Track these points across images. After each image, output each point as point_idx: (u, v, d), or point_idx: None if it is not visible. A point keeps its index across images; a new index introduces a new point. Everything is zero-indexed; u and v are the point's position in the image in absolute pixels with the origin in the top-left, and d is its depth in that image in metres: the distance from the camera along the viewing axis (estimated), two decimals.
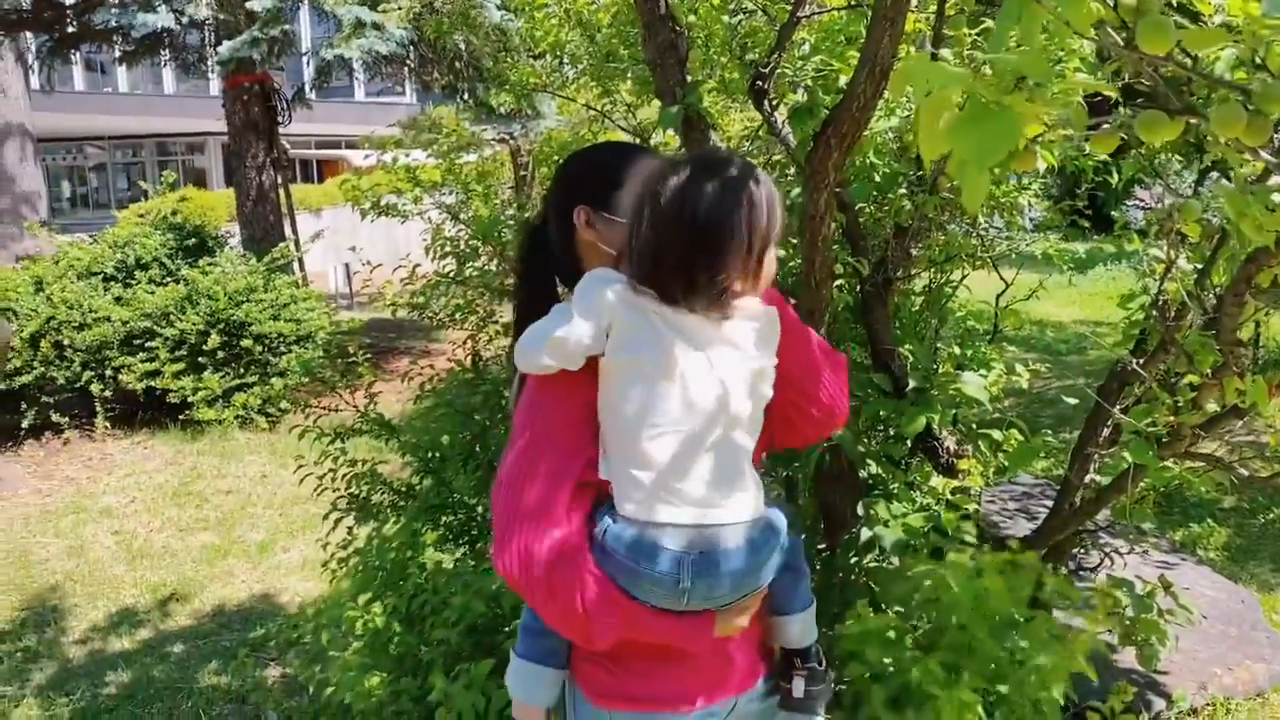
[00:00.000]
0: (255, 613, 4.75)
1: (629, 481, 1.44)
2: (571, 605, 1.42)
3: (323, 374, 3.78)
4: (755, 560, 1.47)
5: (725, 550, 1.44)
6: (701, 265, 1.41)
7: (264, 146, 10.27)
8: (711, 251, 1.41)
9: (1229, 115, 1.12)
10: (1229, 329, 1.57)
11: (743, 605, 1.54)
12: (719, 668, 1.60)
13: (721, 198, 1.41)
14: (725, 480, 1.45)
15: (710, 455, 1.43)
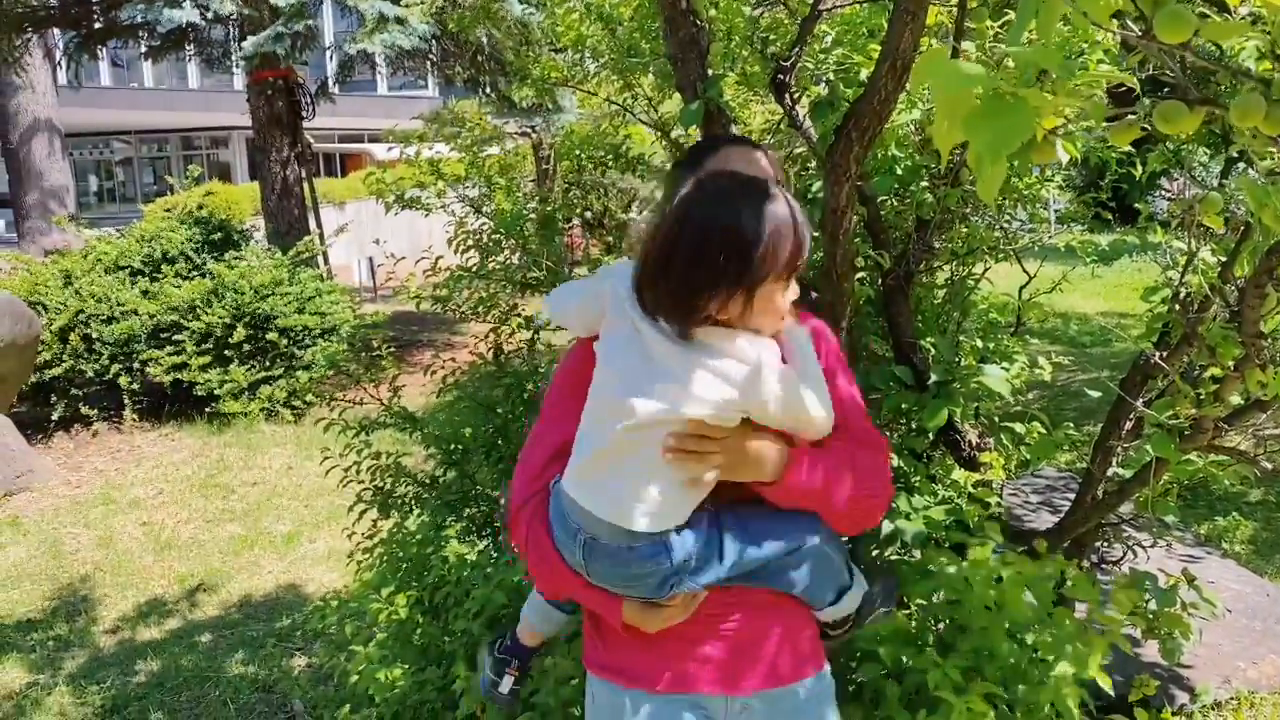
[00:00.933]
0: (282, 603, 4.81)
1: (574, 451, 1.50)
2: (520, 543, 1.58)
3: (346, 367, 3.81)
4: (630, 571, 1.47)
5: (605, 547, 1.45)
6: (674, 286, 1.39)
7: (288, 141, 10.34)
8: (686, 275, 1.38)
9: (1249, 105, 1.12)
10: (1251, 321, 1.56)
11: (651, 607, 1.52)
12: (691, 658, 1.58)
13: (711, 224, 1.38)
14: (629, 490, 1.43)
15: (624, 460, 1.43)
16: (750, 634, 1.59)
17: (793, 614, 1.63)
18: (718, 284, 1.37)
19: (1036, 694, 2.38)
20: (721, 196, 1.40)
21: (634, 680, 1.60)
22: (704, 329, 1.41)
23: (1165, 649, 2.88)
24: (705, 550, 1.48)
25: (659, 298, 1.40)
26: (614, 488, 1.43)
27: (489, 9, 6.11)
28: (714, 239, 1.37)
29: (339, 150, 29.69)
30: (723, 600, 1.55)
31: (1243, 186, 1.39)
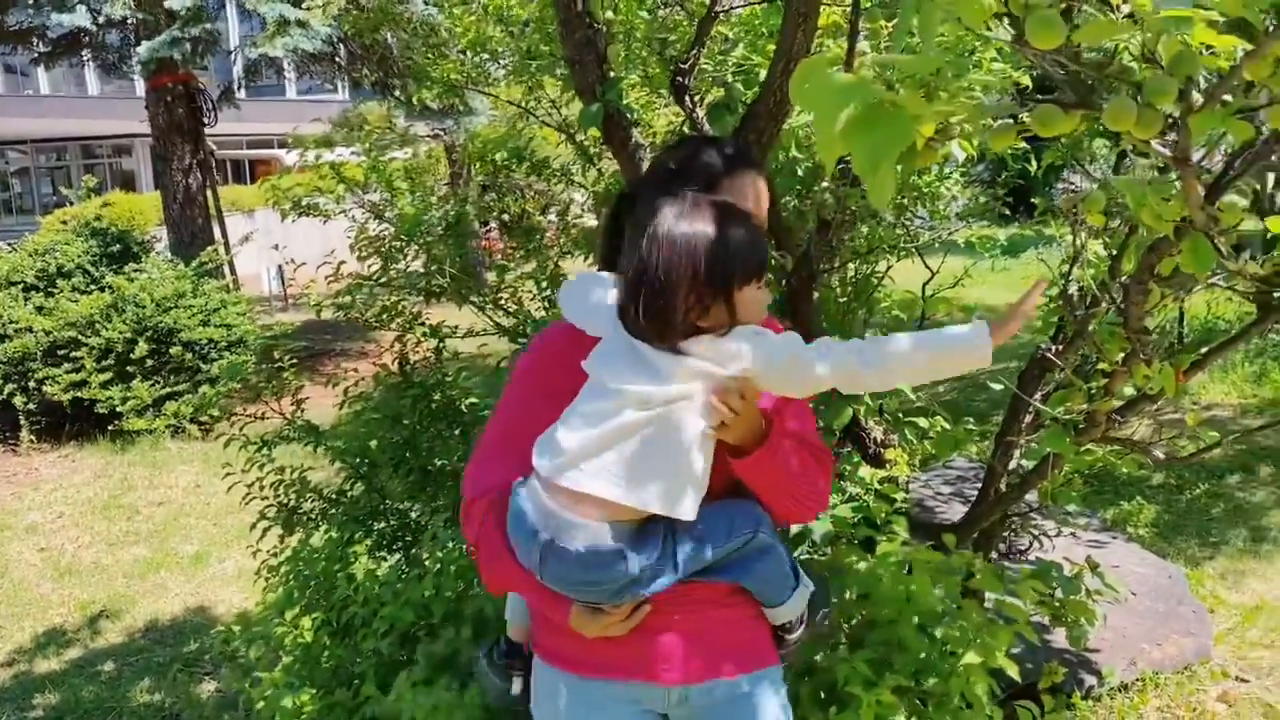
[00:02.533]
0: (190, 626, 4.65)
1: (539, 448, 1.51)
2: (472, 538, 1.60)
3: (249, 380, 3.70)
4: (586, 576, 1.48)
5: (564, 551, 1.46)
6: (656, 302, 1.43)
7: (190, 148, 10.06)
8: (665, 289, 1.42)
9: (1121, 109, 1.13)
10: (1135, 318, 1.59)
11: (597, 612, 1.53)
12: (632, 646, 1.58)
13: (681, 239, 1.44)
14: (614, 488, 1.44)
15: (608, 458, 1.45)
16: (693, 625, 1.60)
17: (738, 609, 1.65)
18: (699, 294, 1.43)
19: (946, 685, 2.41)
20: (688, 214, 1.46)
21: (570, 664, 1.63)
22: (695, 341, 1.45)
23: (1072, 635, 2.94)
24: (659, 562, 1.50)
25: (644, 317, 1.44)
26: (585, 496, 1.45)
27: (386, 10, 6.00)
28: (688, 251, 1.43)
29: (247, 156, 28.99)
30: (669, 592, 1.54)
31: (1122, 186, 1.41)
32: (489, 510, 1.57)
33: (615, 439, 1.44)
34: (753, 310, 1.49)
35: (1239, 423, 6.28)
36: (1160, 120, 1.10)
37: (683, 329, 1.44)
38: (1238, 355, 7.15)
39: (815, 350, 1.47)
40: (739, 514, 1.58)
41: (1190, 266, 1.32)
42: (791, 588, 1.69)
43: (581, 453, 1.45)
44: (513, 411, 1.63)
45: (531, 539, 1.48)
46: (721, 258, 1.44)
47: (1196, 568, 4.42)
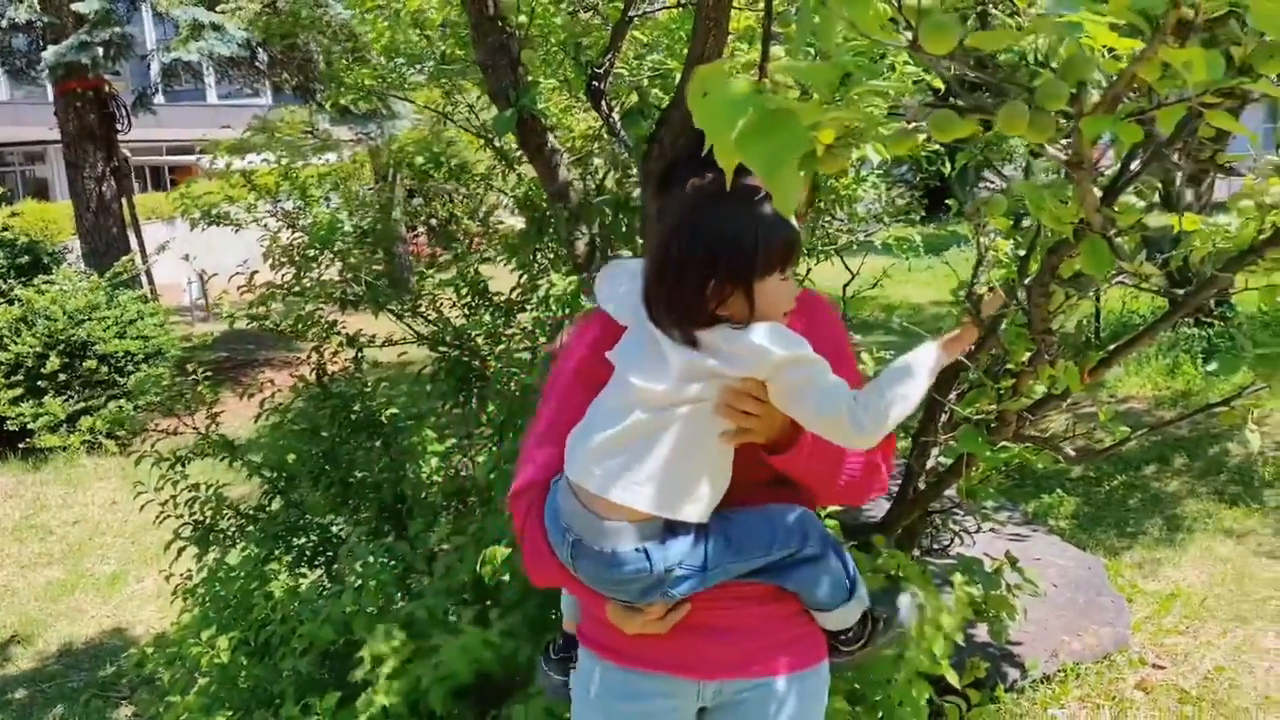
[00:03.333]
0: (106, 649, 4.51)
1: (569, 445, 1.50)
2: (517, 531, 1.59)
3: (160, 394, 3.59)
4: (612, 576, 1.47)
5: (589, 550, 1.46)
6: (676, 289, 1.42)
7: (103, 155, 9.77)
8: (686, 277, 1.41)
9: (1014, 114, 1.13)
10: (1039, 319, 1.61)
11: (632, 610, 1.52)
12: (681, 644, 1.56)
13: (704, 226, 1.43)
14: (617, 490, 1.43)
15: (619, 459, 1.44)
16: (732, 621, 1.58)
17: (784, 605, 1.61)
18: (718, 281, 1.40)
19: (885, 690, 2.43)
20: (711, 200, 1.45)
21: (607, 651, 1.62)
22: (712, 331, 1.42)
23: (993, 630, 2.99)
24: (690, 561, 1.47)
25: (664, 304, 1.43)
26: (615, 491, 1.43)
27: (298, 15, 5.88)
28: (707, 239, 1.42)
29: (167, 163, 28.30)
30: (709, 588, 1.53)
31: (1021, 189, 1.42)
32: (532, 504, 1.56)
33: (625, 440, 1.43)
34: (776, 301, 1.45)
35: (1154, 414, 6.45)
36: (1052, 124, 1.11)
37: (702, 318, 1.41)
38: (1151, 349, 7.34)
39: (842, 394, 1.41)
40: (783, 527, 1.54)
41: (1088, 268, 1.34)
42: (844, 599, 1.63)
43: (599, 453, 1.45)
44: (558, 400, 1.61)
45: (564, 537, 1.49)
46: (743, 244, 1.41)
47: (1115, 558, 4.52)
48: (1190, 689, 3.43)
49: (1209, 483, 5.31)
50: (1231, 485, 5.24)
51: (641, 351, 1.46)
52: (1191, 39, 1.13)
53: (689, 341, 1.41)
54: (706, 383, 1.42)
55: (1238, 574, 4.28)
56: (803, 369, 1.41)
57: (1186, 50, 1.01)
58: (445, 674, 2.35)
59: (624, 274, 1.57)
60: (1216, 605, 4.02)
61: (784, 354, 1.40)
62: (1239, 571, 4.30)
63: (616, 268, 1.62)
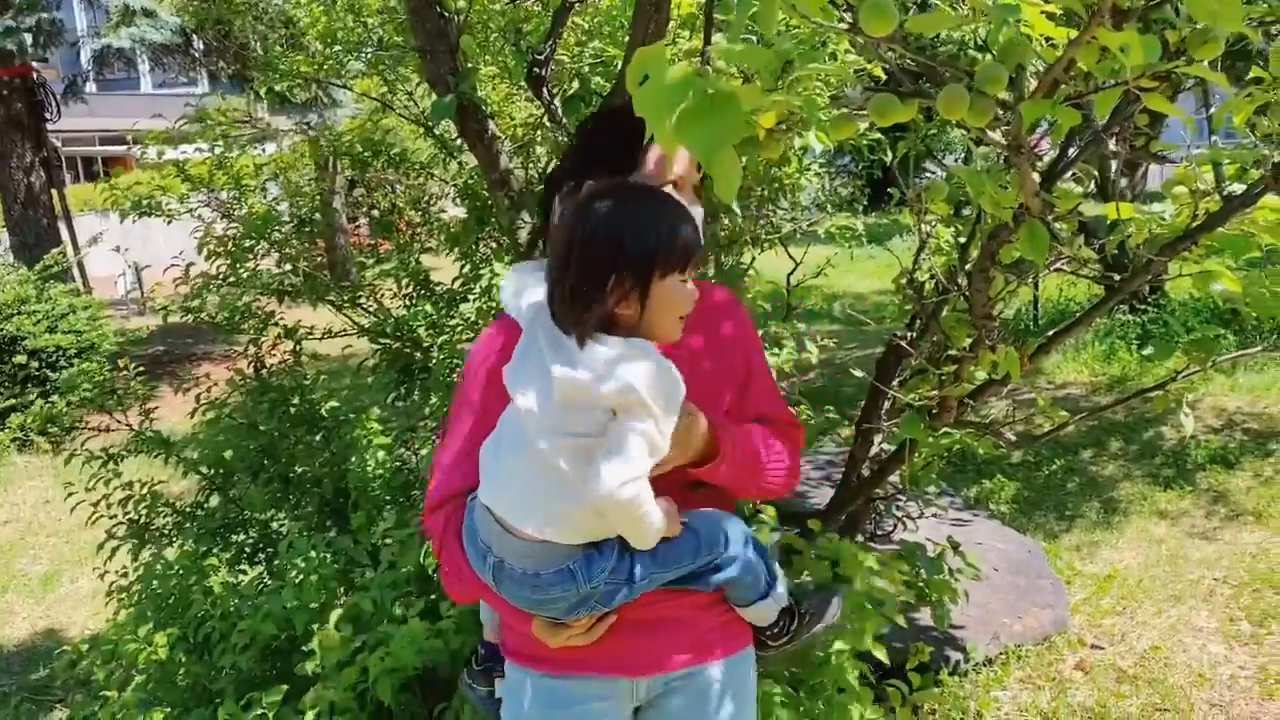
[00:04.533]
0: (38, 652, 4.39)
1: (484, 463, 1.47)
2: (435, 550, 1.57)
3: (93, 390, 3.50)
4: (536, 596, 1.45)
5: (512, 571, 1.44)
6: (573, 285, 1.39)
7: (31, 145, 9.50)
8: (584, 273, 1.39)
9: (953, 98, 1.13)
10: (979, 304, 1.62)
11: (558, 625, 1.50)
12: (612, 645, 1.54)
13: (603, 224, 1.40)
14: (534, 503, 1.40)
15: (529, 475, 1.40)
16: (658, 615, 1.57)
17: (705, 597, 1.61)
18: (616, 279, 1.38)
19: (820, 673, 2.44)
20: (611, 199, 1.43)
21: (536, 661, 1.60)
22: (600, 338, 1.39)
23: (936, 615, 3.01)
24: (615, 576, 1.45)
25: (564, 301, 1.40)
26: (533, 505, 1.41)
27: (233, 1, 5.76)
28: (605, 237, 1.39)
29: (100, 153, 27.61)
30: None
31: (961, 175, 1.42)
32: (449, 520, 1.53)
33: (532, 468, 1.39)
34: (672, 303, 1.43)
35: (1091, 400, 6.57)
36: (992, 107, 1.11)
37: (601, 315, 1.39)
38: (1088, 336, 7.48)
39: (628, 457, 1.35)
40: (706, 535, 1.54)
41: (1028, 252, 1.35)
42: (759, 597, 1.64)
43: (510, 477, 1.42)
44: (470, 411, 1.56)
45: (484, 558, 1.45)
46: (644, 242, 1.39)
47: (1054, 541, 4.60)
48: (1128, 668, 3.50)
49: (1144, 466, 5.42)
50: (1165, 468, 5.35)
51: (526, 366, 1.42)
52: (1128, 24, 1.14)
53: (582, 341, 1.38)
54: (590, 413, 1.36)
55: (1172, 555, 4.38)
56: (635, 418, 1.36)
57: (1123, 34, 1.01)
58: (394, 665, 2.32)
59: (529, 276, 1.54)
60: (1152, 586, 4.10)
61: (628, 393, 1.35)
62: (1173, 552, 4.40)
63: (521, 270, 1.60)
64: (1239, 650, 3.58)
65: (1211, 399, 6.26)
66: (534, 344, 1.43)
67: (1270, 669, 3.42)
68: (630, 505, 1.34)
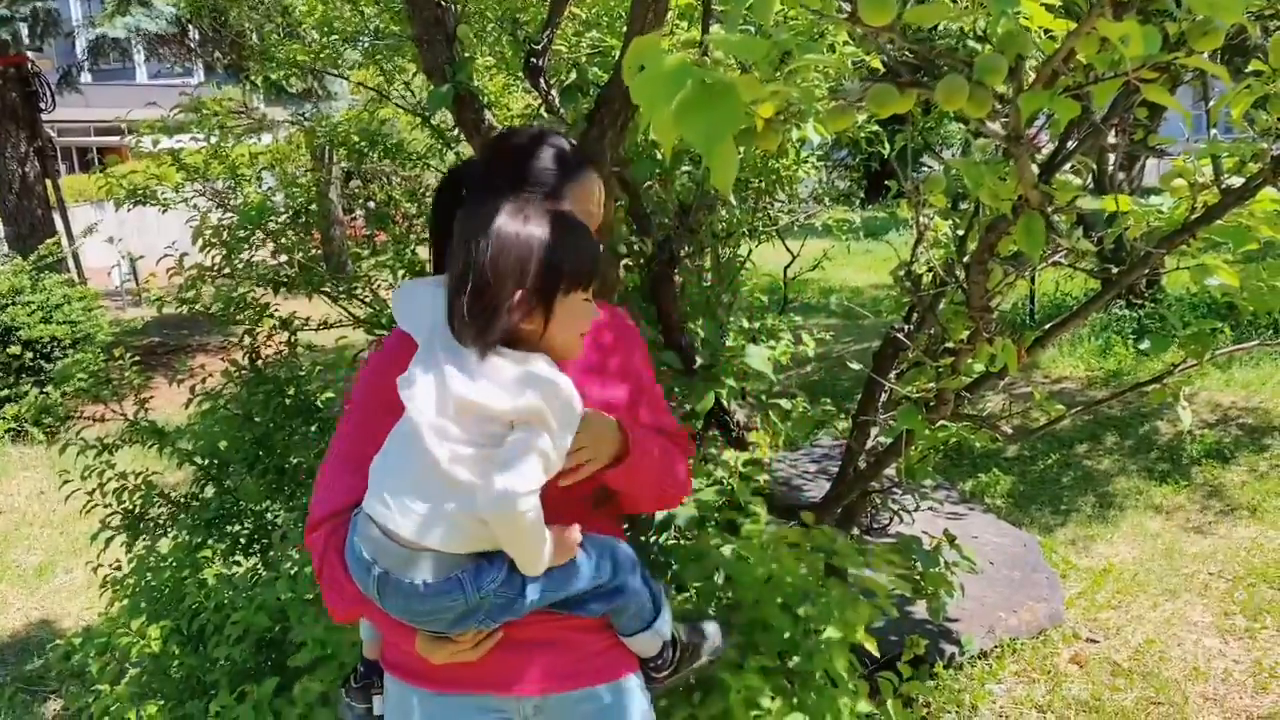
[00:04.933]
0: (33, 643, 4.38)
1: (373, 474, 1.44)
2: (315, 567, 1.53)
3: (88, 380, 3.48)
4: (422, 607, 1.41)
5: (398, 582, 1.40)
6: (478, 298, 1.39)
7: (26, 135, 9.47)
8: (489, 286, 1.39)
9: (953, 88, 1.13)
10: (977, 296, 1.62)
11: (442, 640, 1.48)
12: (496, 664, 1.52)
13: (511, 237, 1.41)
14: (422, 511, 1.38)
15: (420, 482, 1.38)
16: (546, 636, 1.55)
17: (594, 620, 1.60)
18: (522, 294, 1.40)
19: (810, 663, 2.44)
20: (522, 213, 1.43)
21: (420, 678, 1.57)
22: (501, 351, 1.39)
23: (931, 607, 3.01)
24: (506, 590, 1.43)
25: (466, 315, 1.38)
26: (423, 514, 1.37)
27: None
28: (514, 251, 1.40)
29: (95, 144, 27.53)
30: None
31: (960, 167, 1.42)
32: (329, 537, 1.49)
33: (420, 477, 1.37)
34: (575, 320, 1.46)
35: (1086, 394, 6.58)
36: (990, 98, 1.10)
37: (504, 330, 1.38)
38: (1084, 330, 7.49)
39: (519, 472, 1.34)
40: (597, 559, 1.53)
41: (1024, 245, 1.34)
42: (642, 628, 1.63)
43: (396, 489, 1.39)
44: (354, 429, 1.55)
45: (367, 571, 1.41)
46: (553, 258, 1.41)
47: (1049, 535, 4.61)
48: (1122, 662, 3.50)
49: (1139, 461, 5.43)
50: (1161, 463, 5.36)
51: (423, 377, 1.39)
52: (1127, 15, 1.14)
53: (483, 355, 1.38)
54: (487, 425, 1.36)
55: (1167, 549, 4.38)
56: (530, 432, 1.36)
57: (1123, 24, 1.01)
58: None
59: (423, 291, 1.52)
60: (1147, 580, 4.11)
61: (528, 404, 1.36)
62: (1168, 547, 4.40)
63: (414, 285, 1.58)
64: (1233, 644, 3.59)
65: (1207, 394, 6.27)
66: (431, 355, 1.41)
67: (1264, 663, 3.43)
68: (519, 519, 1.33)
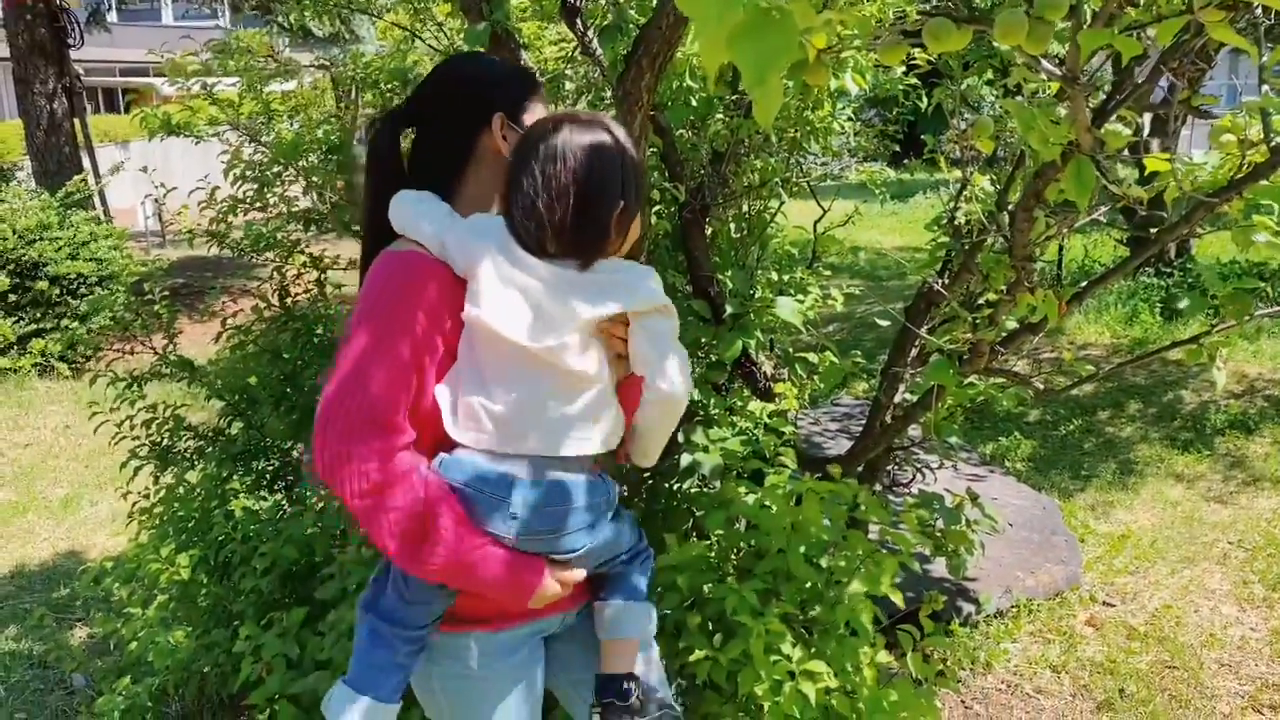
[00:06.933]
0: (59, 571, 4.46)
1: (475, 414, 1.44)
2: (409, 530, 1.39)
3: (116, 314, 3.50)
4: (589, 506, 1.49)
5: (562, 485, 1.46)
6: (585, 226, 1.44)
7: (54, 72, 9.44)
8: (594, 213, 1.44)
9: (1012, 23, 1.11)
10: (1020, 245, 1.60)
11: (568, 568, 1.53)
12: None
13: (604, 162, 1.45)
14: (564, 424, 1.45)
15: (553, 400, 1.44)
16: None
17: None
18: (626, 206, 1.46)
19: (833, 614, 2.45)
20: (594, 137, 1.46)
21: (475, 624, 1.58)
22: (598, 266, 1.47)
23: (951, 565, 3.02)
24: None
25: (567, 233, 1.43)
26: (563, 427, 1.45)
27: None
28: (615, 167, 1.46)
29: (121, 84, 27.51)
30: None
31: (1011, 109, 1.40)
32: (430, 497, 1.40)
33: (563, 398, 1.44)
34: (637, 234, 1.53)
35: (1111, 361, 6.53)
36: (1050, 35, 1.08)
37: (610, 244, 1.46)
38: (1110, 297, 7.42)
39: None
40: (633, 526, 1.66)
41: (1072, 192, 1.32)
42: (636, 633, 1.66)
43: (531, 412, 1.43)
44: (402, 373, 1.41)
45: (504, 500, 1.43)
46: (639, 171, 1.49)
47: (1069, 499, 4.60)
48: (1138, 626, 3.51)
49: (1162, 429, 5.40)
50: (1184, 431, 5.33)
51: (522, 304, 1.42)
52: None
53: (584, 267, 1.44)
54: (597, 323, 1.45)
55: (1187, 517, 4.37)
56: (672, 318, 1.51)
57: None
58: None
59: (437, 210, 1.49)
60: (1166, 547, 4.10)
61: (665, 300, 1.49)
62: (1188, 515, 4.39)
63: (421, 203, 1.50)
64: (1251, 613, 3.59)
65: (1234, 364, 6.21)
66: (505, 275, 1.42)
67: None
68: (683, 403, 1.52)
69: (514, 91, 1.61)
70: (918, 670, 2.39)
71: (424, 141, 1.61)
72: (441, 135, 1.60)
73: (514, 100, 1.59)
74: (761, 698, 2.09)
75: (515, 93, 1.61)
